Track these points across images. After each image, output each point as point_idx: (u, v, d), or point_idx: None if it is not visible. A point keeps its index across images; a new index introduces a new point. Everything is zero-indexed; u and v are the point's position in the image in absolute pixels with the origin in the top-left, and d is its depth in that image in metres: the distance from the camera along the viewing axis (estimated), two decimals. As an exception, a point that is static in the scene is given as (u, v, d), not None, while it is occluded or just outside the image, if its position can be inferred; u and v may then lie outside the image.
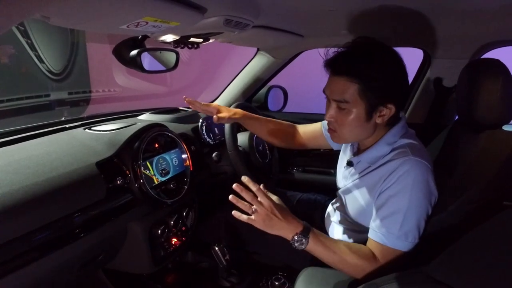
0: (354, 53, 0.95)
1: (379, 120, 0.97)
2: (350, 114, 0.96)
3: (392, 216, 0.92)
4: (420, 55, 1.76)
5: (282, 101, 2.33)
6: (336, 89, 0.96)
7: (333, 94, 0.97)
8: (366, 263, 0.92)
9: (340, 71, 0.94)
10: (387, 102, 0.95)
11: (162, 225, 1.31)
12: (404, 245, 0.92)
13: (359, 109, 0.95)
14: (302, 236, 0.90)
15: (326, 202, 1.50)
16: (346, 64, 0.94)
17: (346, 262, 0.92)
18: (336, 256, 0.92)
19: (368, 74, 0.91)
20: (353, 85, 0.92)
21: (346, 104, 0.95)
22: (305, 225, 0.93)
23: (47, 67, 3.85)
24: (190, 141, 1.51)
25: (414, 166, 0.92)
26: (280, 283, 1.33)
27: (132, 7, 0.76)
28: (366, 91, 0.92)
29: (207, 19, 1.03)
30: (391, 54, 0.95)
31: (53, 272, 1.02)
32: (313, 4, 1.15)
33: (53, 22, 0.73)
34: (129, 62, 1.16)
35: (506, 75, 1.03)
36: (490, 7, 1.13)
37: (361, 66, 0.92)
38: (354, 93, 0.93)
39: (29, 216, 0.87)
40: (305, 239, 0.90)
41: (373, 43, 0.96)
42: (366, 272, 0.92)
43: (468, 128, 1.14)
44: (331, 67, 0.97)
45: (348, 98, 0.94)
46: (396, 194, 0.93)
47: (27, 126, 1.33)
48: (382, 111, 0.96)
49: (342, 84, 0.94)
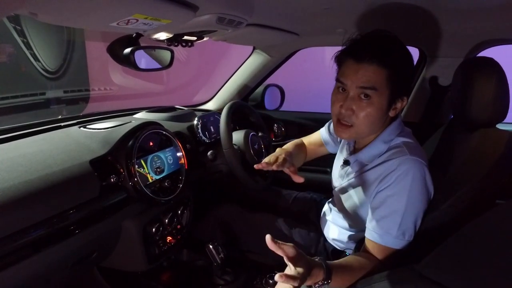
0: (381, 40, 0.94)
1: (392, 113, 0.98)
2: (373, 104, 0.94)
3: (390, 216, 0.92)
4: (416, 54, 1.76)
5: (279, 100, 2.33)
6: (364, 76, 0.92)
7: (359, 81, 0.93)
8: (370, 267, 0.91)
9: (370, 56, 0.91)
10: (404, 94, 0.96)
11: (157, 223, 1.31)
12: (401, 243, 0.92)
13: (383, 99, 0.93)
14: (323, 285, 0.82)
15: (322, 200, 1.50)
16: (374, 49, 0.92)
17: (358, 277, 0.88)
18: (354, 279, 0.87)
19: (396, 62, 0.92)
20: (383, 71, 0.91)
21: (373, 91, 0.92)
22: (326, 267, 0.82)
23: (42, 65, 3.84)
24: (185, 140, 1.51)
25: (412, 166, 0.92)
26: (275, 282, 1.33)
27: (122, 3, 0.75)
28: (393, 79, 0.92)
29: (199, 17, 1.02)
30: (406, 48, 0.97)
31: (47, 269, 1.02)
32: (307, 2, 1.15)
33: (41, 19, 0.72)
34: (123, 60, 1.16)
35: (500, 73, 1.03)
36: (485, 6, 1.13)
37: (391, 53, 0.91)
38: (383, 79, 0.91)
39: (22, 214, 0.87)
40: (326, 286, 0.83)
41: (391, 35, 0.96)
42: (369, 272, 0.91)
43: (462, 127, 1.15)
44: (357, 53, 0.94)
45: (377, 85, 0.92)
46: (394, 194, 0.92)
47: (22, 124, 1.33)
48: (397, 103, 0.97)
49: (372, 71, 0.91)
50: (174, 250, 1.44)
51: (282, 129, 2.15)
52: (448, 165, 1.09)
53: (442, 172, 1.09)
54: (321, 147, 1.40)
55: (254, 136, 1.65)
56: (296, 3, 1.16)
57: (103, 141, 1.20)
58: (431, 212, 0.95)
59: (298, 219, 1.46)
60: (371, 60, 0.91)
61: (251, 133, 1.63)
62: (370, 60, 0.91)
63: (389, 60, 0.91)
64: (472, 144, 1.04)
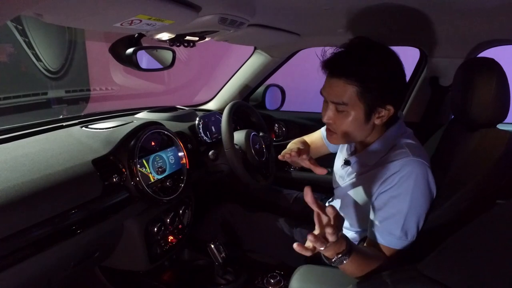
0: (352, 54, 0.93)
1: (377, 121, 0.96)
2: (348, 116, 0.95)
3: (393, 217, 0.92)
4: (417, 54, 1.76)
5: (279, 100, 2.34)
6: (334, 91, 0.94)
7: (330, 96, 0.96)
8: (378, 264, 0.89)
9: (337, 73, 0.92)
10: (386, 103, 0.94)
11: (158, 222, 1.32)
12: (403, 243, 0.92)
13: (357, 111, 0.94)
14: (343, 256, 0.80)
15: (323, 201, 1.50)
16: (343, 65, 0.92)
17: (369, 269, 0.87)
18: (365, 268, 0.86)
19: (366, 76, 0.90)
20: (351, 87, 0.91)
21: (344, 106, 0.93)
22: (348, 244, 0.81)
23: (44, 65, 3.84)
24: (186, 139, 1.51)
25: (415, 167, 0.91)
26: (276, 281, 1.34)
27: (126, 4, 0.76)
28: (364, 93, 0.91)
29: (202, 17, 1.03)
30: (388, 54, 0.94)
31: (49, 269, 1.02)
32: (308, 2, 1.15)
33: (46, 20, 0.73)
34: (125, 60, 1.16)
35: (501, 74, 1.04)
36: (485, 7, 1.13)
37: (359, 68, 0.90)
38: (353, 95, 0.91)
39: (24, 213, 0.87)
40: (346, 259, 0.81)
41: (370, 43, 0.95)
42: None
43: (462, 127, 1.15)
44: (328, 68, 0.95)
45: (346, 101, 0.92)
46: (397, 196, 0.92)
47: (24, 124, 1.33)
48: (381, 112, 0.95)
49: (340, 86, 0.92)
50: (176, 249, 1.45)
51: (283, 129, 2.15)
52: (449, 165, 1.10)
53: (442, 172, 1.09)
54: (323, 147, 1.40)
55: (255, 136, 1.65)
56: (297, 4, 1.16)
57: (105, 141, 1.21)
58: (432, 211, 0.95)
59: (299, 219, 1.46)
60: (339, 76, 0.92)
61: (252, 133, 1.64)
62: (338, 76, 0.92)
63: (359, 75, 0.90)
64: (472, 144, 1.05)
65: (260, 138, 1.69)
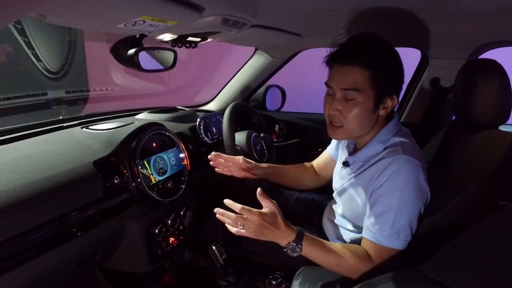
0: (361, 43, 0.97)
1: (382, 112, 0.99)
2: (357, 104, 0.96)
3: (383, 215, 0.93)
4: (418, 55, 1.76)
5: (280, 101, 2.33)
6: (345, 78, 0.96)
7: (342, 83, 0.97)
8: (361, 263, 0.93)
9: (349, 60, 0.95)
10: (392, 92, 0.97)
11: (160, 224, 1.31)
12: (397, 243, 0.93)
13: (367, 99, 0.96)
14: (295, 244, 0.91)
15: (324, 201, 1.50)
16: (355, 53, 0.95)
17: (341, 264, 0.93)
18: (331, 259, 0.93)
19: (379, 62, 0.94)
20: (364, 73, 0.94)
21: (355, 93, 0.95)
22: (298, 231, 0.94)
23: (44, 65, 3.84)
24: (187, 140, 1.51)
25: (404, 165, 0.92)
26: (277, 282, 1.34)
27: (130, 6, 0.76)
28: (375, 79, 0.94)
29: (205, 18, 1.03)
30: (391, 46, 0.99)
31: (50, 271, 1.02)
32: (310, 4, 1.15)
33: (49, 21, 0.73)
34: (127, 61, 1.16)
35: (503, 75, 1.04)
36: (487, 8, 1.13)
37: (371, 54, 0.94)
38: (365, 81, 0.94)
39: (25, 215, 0.86)
40: (299, 246, 0.91)
41: (373, 36, 0.99)
42: (362, 272, 0.92)
43: (464, 128, 1.15)
44: (340, 56, 0.98)
45: (360, 86, 0.94)
46: (386, 193, 0.93)
47: (25, 124, 1.32)
48: (386, 102, 0.98)
49: (353, 72, 0.95)
50: (177, 251, 1.44)
51: (283, 130, 2.15)
52: (450, 166, 1.10)
53: (444, 173, 1.09)
54: (332, 162, 1.37)
55: (256, 137, 1.65)
56: (299, 5, 1.16)
57: (106, 142, 1.20)
58: (434, 213, 0.95)
59: (300, 220, 1.46)
60: (354, 62, 0.94)
61: (253, 134, 1.63)
62: (353, 62, 0.95)
63: (371, 60, 0.94)
64: (474, 146, 1.05)
65: (261, 139, 1.69)
